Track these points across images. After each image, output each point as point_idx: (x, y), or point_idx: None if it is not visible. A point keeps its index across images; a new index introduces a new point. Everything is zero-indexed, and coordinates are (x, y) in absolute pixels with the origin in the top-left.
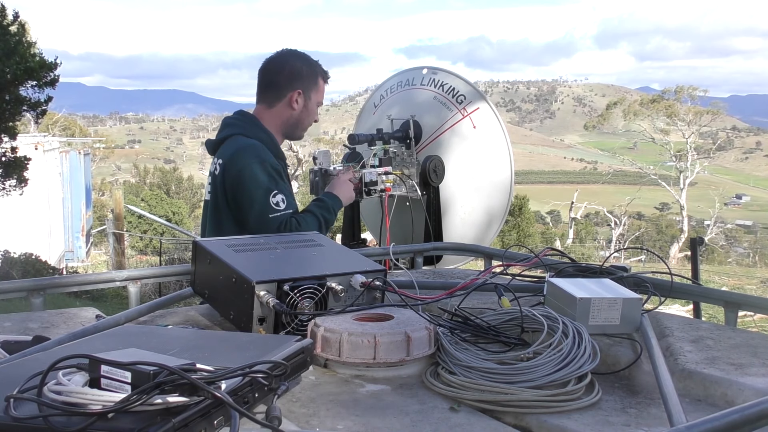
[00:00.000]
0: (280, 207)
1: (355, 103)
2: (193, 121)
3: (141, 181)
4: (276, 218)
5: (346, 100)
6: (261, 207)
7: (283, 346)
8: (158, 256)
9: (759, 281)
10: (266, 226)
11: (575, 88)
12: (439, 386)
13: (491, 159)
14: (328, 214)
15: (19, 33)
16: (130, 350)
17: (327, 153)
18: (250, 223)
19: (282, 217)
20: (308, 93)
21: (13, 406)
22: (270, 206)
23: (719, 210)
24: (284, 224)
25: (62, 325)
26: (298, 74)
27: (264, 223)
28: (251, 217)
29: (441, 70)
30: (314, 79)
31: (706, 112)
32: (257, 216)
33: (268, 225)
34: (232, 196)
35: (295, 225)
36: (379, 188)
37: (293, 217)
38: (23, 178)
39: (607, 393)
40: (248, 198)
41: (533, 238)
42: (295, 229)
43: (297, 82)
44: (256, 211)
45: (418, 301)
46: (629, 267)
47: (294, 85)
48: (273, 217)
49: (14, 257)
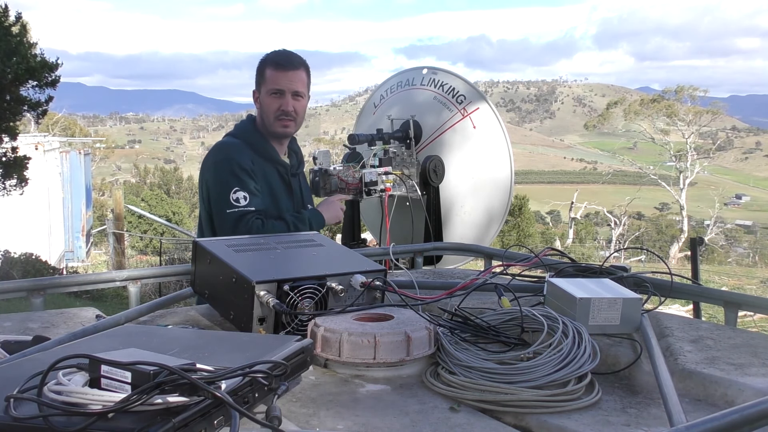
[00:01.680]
0: (239, 203)
1: (355, 103)
2: (193, 121)
3: (141, 181)
4: (233, 214)
5: (346, 100)
6: (220, 202)
7: (283, 346)
8: (158, 256)
9: (759, 281)
10: (224, 221)
11: (575, 88)
12: (439, 386)
13: (491, 159)
14: (302, 225)
15: (20, 33)
16: (130, 350)
17: (327, 153)
18: (213, 218)
19: (238, 213)
20: (259, 88)
21: (13, 406)
22: (229, 202)
23: (719, 210)
24: (243, 221)
25: (62, 325)
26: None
27: (222, 218)
28: (213, 213)
29: (441, 70)
30: (261, 73)
31: (706, 112)
32: (217, 211)
33: (225, 220)
34: (205, 193)
35: (257, 226)
36: (379, 188)
37: (258, 217)
38: (23, 178)
39: (607, 393)
40: (212, 193)
41: (533, 238)
42: (256, 230)
43: (256, 83)
44: (216, 206)
45: (418, 301)
46: (629, 267)
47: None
48: (230, 213)
49: (14, 257)
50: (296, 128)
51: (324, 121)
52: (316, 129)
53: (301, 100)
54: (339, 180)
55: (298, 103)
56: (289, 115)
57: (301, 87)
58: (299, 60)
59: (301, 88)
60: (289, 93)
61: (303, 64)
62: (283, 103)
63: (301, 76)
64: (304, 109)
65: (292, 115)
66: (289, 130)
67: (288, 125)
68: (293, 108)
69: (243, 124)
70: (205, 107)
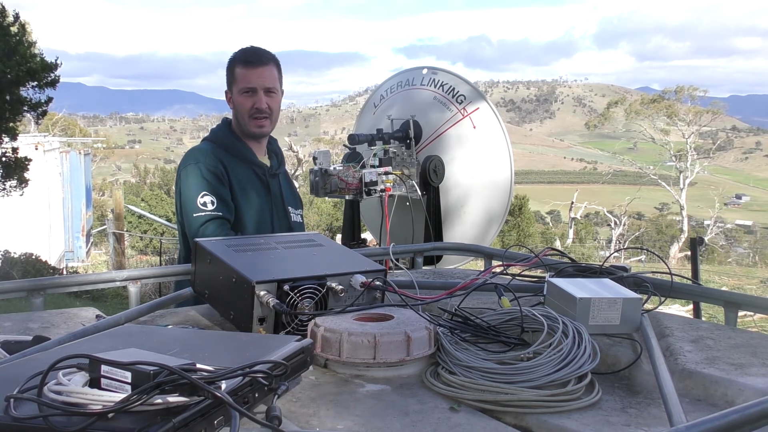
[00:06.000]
0: (207, 208)
1: (355, 103)
2: (194, 121)
3: (141, 181)
4: (198, 218)
5: (346, 100)
6: (188, 206)
7: (283, 346)
8: (158, 256)
9: (759, 281)
10: (190, 224)
11: (575, 88)
12: (439, 386)
13: (491, 159)
14: None
15: (19, 33)
16: (130, 350)
17: (327, 153)
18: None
19: (204, 218)
20: (231, 87)
21: (14, 406)
22: (196, 206)
23: (719, 210)
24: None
25: (62, 325)
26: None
27: (189, 221)
28: (183, 218)
29: (441, 70)
30: (231, 72)
31: (706, 112)
32: (185, 215)
33: (191, 224)
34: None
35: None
36: (379, 188)
37: (224, 223)
38: (23, 179)
39: (607, 393)
40: (182, 199)
41: (533, 238)
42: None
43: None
44: (185, 210)
45: (418, 301)
46: (629, 267)
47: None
48: (196, 217)
49: (14, 257)
50: (272, 126)
51: (324, 121)
52: (316, 129)
53: (275, 96)
54: (339, 180)
55: (271, 99)
56: (263, 113)
57: (273, 83)
58: (268, 55)
59: (273, 83)
60: (261, 90)
61: (272, 59)
62: (256, 101)
63: (271, 71)
64: (278, 105)
65: (267, 112)
66: (265, 129)
67: (263, 124)
68: (267, 105)
69: (218, 128)
70: (205, 107)
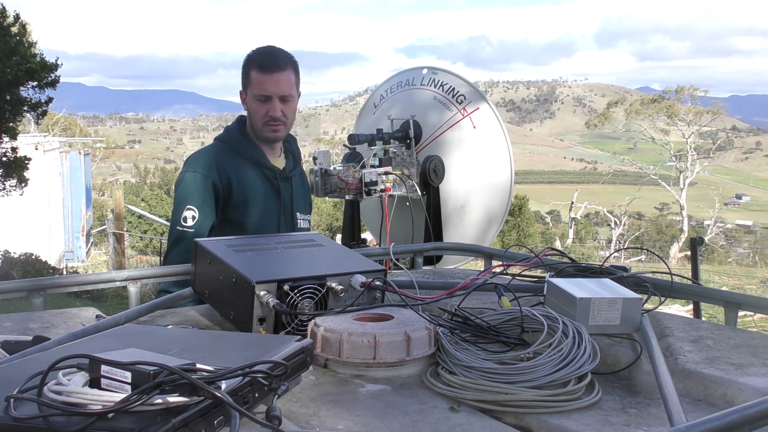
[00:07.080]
0: (186, 223)
1: (355, 103)
2: (193, 121)
3: (141, 181)
4: (174, 231)
5: (346, 100)
6: (173, 214)
7: (283, 346)
8: (158, 256)
9: (759, 281)
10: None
11: (575, 88)
12: (439, 386)
13: (491, 159)
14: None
15: (19, 33)
16: (130, 350)
17: (327, 153)
18: None
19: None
20: (245, 90)
21: (14, 406)
22: (178, 217)
23: (719, 210)
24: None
25: (62, 325)
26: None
27: (169, 229)
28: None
29: (441, 70)
30: (246, 74)
31: (706, 112)
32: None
33: (169, 233)
34: None
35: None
36: (379, 188)
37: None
38: (23, 178)
39: (607, 393)
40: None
41: (533, 238)
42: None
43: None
44: (171, 215)
45: (418, 301)
46: (629, 267)
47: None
48: (173, 229)
49: (14, 257)
50: (287, 130)
51: (324, 121)
52: (316, 129)
53: (290, 103)
54: (339, 180)
55: (286, 106)
56: (278, 121)
57: (290, 89)
58: (285, 58)
59: (289, 90)
60: (276, 98)
61: (290, 63)
62: (270, 109)
63: (288, 77)
64: (294, 111)
65: (282, 119)
66: (279, 134)
67: (278, 129)
68: (281, 113)
69: (231, 127)
70: (205, 107)
